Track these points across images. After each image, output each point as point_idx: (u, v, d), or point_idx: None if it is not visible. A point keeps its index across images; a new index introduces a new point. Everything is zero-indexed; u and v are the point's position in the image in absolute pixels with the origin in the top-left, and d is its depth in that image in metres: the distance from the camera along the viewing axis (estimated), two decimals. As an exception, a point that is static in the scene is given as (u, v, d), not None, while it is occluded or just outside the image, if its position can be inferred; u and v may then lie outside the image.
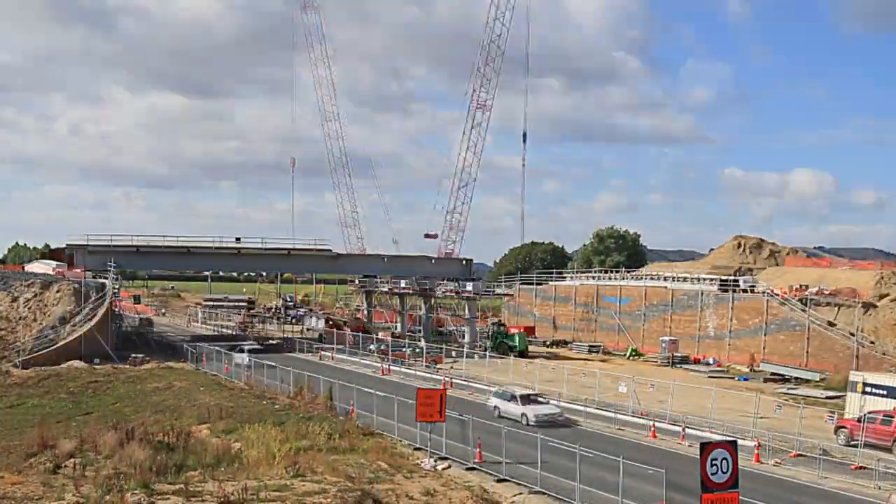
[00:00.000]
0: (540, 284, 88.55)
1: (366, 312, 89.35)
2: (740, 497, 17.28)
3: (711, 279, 71.76)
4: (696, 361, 65.04)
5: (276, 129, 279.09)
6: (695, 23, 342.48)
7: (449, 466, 28.23)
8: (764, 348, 63.07)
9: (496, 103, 76.62)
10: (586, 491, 24.20)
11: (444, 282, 77.78)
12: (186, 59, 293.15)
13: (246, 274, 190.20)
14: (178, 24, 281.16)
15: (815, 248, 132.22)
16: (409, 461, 28.30)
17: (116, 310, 67.10)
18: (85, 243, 67.25)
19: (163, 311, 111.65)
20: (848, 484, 27.85)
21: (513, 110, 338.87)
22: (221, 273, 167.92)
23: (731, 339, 66.24)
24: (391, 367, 55.75)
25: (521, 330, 70.81)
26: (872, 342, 58.34)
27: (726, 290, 68.09)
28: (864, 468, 29.66)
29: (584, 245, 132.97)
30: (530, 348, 70.78)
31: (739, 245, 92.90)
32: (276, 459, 25.63)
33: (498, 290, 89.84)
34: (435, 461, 28.53)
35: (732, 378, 57.91)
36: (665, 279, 75.06)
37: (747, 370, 61.18)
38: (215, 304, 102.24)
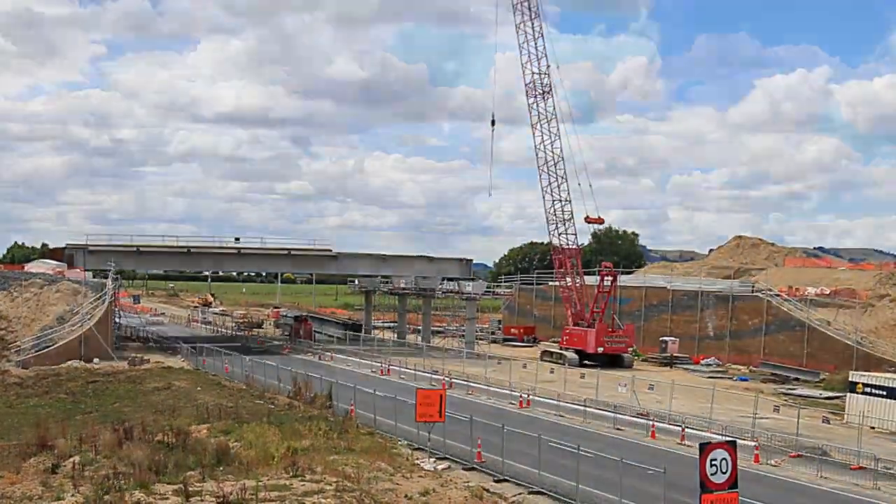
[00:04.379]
0: (540, 285, 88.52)
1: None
2: (740, 497, 17.26)
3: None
4: (696, 362, 65.03)
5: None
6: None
7: (448, 466, 28.21)
8: (764, 349, 63.10)
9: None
10: (586, 491, 24.19)
11: (444, 282, 77.77)
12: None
13: (245, 274, 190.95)
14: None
15: (814, 248, 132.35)
16: (408, 461, 28.26)
17: (116, 310, 67.05)
18: (84, 243, 67.25)
19: (162, 312, 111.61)
20: (847, 484, 27.84)
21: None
22: (221, 273, 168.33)
23: (730, 339, 66.25)
24: (390, 368, 55.81)
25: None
26: (872, 342, 58.35)
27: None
28: (864, 468, 29.66)
29: (583, 245, 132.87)
30: (526, 349, 70.73)
31: (739, 245, 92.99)
32: (275, 459, 25.60)
33: (497, 291, 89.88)
34: (434, 461, 28.52)
35: (731, 378, 57.91)
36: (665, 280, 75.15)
37: (746, 370, 61.20)
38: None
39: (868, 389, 39.26)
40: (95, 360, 54.05)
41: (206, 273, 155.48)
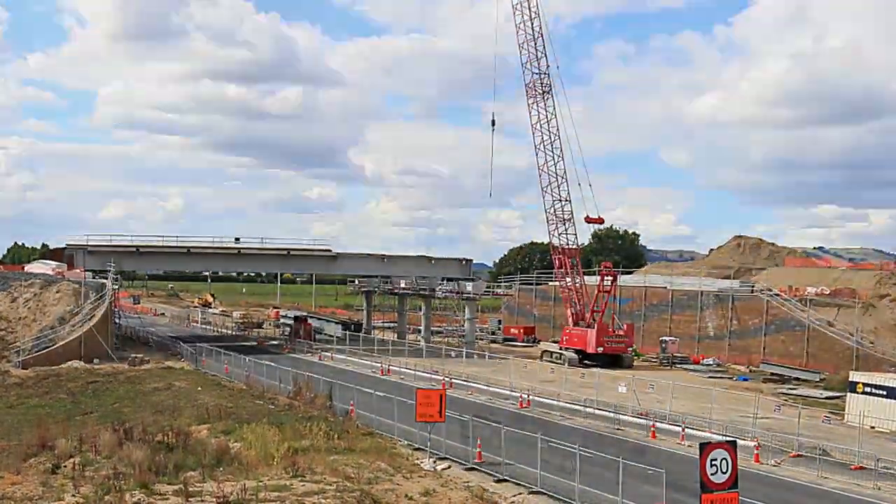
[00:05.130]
0: (540, 284, 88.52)
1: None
2: (740, 497, 17.26)
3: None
4: (696, 362, 65.03)
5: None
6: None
7: (448, 467, 28.20)
8: (764, 348, 63.11)
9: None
10: (586, 491, 24.18)
11: (444, 282, 77.78)
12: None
13: (245, 274, 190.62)
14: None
15: (814, 248, 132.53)
16: (408, 461, 28.27)
17: (116, 310, 67.03)
18: (84, 244, 67.23)
19: (162, 313, 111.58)
20: (848, 484, 27.83)
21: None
22: (221, 273, 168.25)
23: (730, 339, 66.25)
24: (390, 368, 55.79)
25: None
26: (872, 342, 58.38)
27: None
28: (864, 468, 29.66)
29: (583, 245, 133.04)
30: (526, 349, 70.65)
31: (739, 245, 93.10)
32: (275, 460, 25.61)
33: (497, 291, 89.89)
34: (434, 461, 28.52)
35: (732, 378, 57.90)
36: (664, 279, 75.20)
37: (747, 370, 61.20)
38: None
39: (868, 389, 39.28)
40: (95, 360, 54.01)
41: (206, 273, 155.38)
